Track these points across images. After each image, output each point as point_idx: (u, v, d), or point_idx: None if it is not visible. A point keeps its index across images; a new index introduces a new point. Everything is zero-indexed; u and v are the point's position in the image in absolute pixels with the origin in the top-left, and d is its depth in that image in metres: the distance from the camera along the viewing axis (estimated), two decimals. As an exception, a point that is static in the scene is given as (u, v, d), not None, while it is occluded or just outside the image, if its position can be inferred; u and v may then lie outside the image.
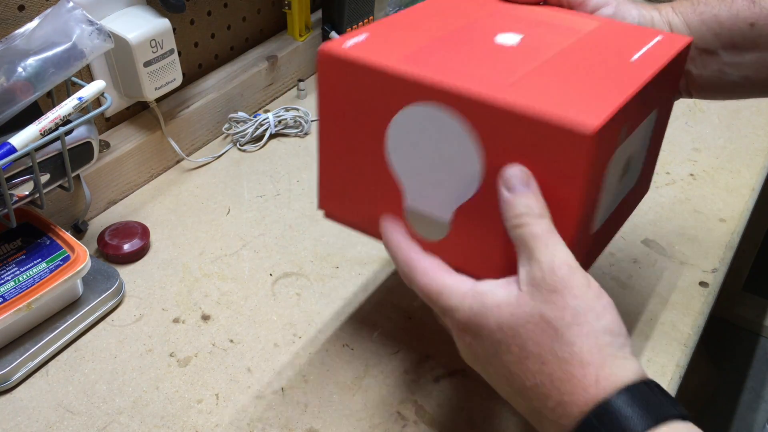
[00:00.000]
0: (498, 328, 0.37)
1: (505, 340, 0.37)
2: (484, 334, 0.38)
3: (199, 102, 0.80)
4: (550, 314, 0.35)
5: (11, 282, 0.57)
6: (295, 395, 0.55)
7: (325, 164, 0.47)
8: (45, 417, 0.53)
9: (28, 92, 0.53)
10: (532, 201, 0.37)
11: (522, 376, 0.36)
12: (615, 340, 0.35)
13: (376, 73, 0.41)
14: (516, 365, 0.36)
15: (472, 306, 0.38)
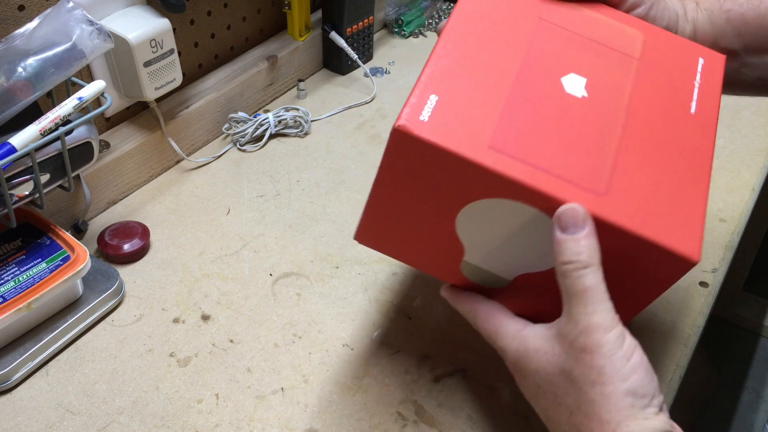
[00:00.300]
0: (536, 372, 0.40)
1: (542, 384, 0.40)
2: (528, 374, 0.41)
3: (199, 102, 0.80)
4: (577, 371, 0.37)
5: (11, 282, 0.57)
6: (295, 395, 0.55)
7: (372, 210, 0.46)
8: (45, 417, 0.53)
9: (28, 92, 0.53)
10: (582, 247, 0.38)
11: (556, 420, 0.39)
12: (638, 402, 0.36)
13: (463, 161, 0.39)
14: (551, 410, 0.40)
15: (518, 348, 0.41)
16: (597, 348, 0.37)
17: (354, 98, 0.92)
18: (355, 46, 0.95)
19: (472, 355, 0.58)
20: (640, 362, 0.38)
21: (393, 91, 0.94)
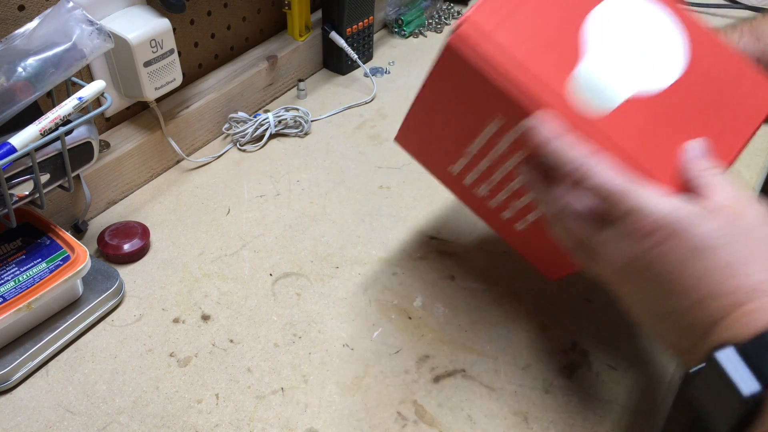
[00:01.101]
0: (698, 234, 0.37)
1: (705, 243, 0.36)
2: (686, 237, 0.37)
3: (199, 102, 0.80)
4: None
5: (11, 282, 0.56)
6: (295, 395, 0.55)
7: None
8: (45, 417, 0.53)
9: (28, 92, 0.53)
10: None
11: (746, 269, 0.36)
12: None
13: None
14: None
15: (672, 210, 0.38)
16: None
17: (354, 98, 0.92)
18: (355, 46, 0.95)
19: (472, 355, 0.58)
20: None
21: (393, 91, 0.93)
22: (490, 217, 0.57)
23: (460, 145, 0.51)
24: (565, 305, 0.62)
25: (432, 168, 0.59)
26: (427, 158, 0.59)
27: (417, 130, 0.56)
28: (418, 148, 0.59)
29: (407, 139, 0.58)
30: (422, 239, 0.70)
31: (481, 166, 0.52)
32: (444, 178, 0.58)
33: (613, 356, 0.58)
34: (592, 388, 0.56)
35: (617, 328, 0.60)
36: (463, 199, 0.59)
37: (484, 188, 0.54)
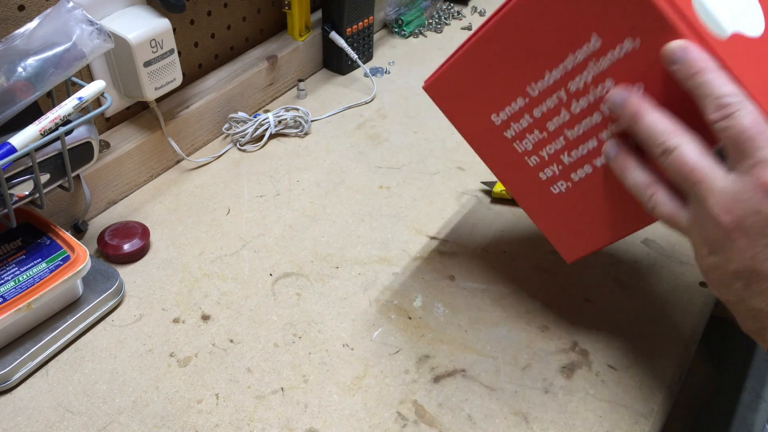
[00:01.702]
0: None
1: None
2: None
3: (199, 102, 0.80)
4: None
5: (11, 282, 0.57)
6: (295, 395, 0.55)
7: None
8: (45, 417, 0.53)
9: (28, 92, 0.53)
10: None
11: None
12: None
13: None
14: None
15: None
16: None
17: (354, 98, 0.92)
18: (355, 46, 0.95)
19: (472, 355, 0.58)
20: None
21: (393, 91, 0.93)
22: (521, 179, 0.54)
23: (522, 83, 0.49)
24: (565, 305, 0.62)
25: (466, 120, 0.55)
26: (464, 107, 0.54)
27: (466, 72, 0.52)
28: (456, 95, 0.54)
29: (444, 84, 0.54)
30: (422, 239, 0.70)
31: (541, 108, 0.49)
32: (477, 131, 0.54)
33: (613, 356, 0.58)
34: (592, 388, 0.56)
35: (617, 328, 0.60)
36: (491, 158, 0.55)
37: (529, 140, 0.51)
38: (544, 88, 0.48)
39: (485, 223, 0.71)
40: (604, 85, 0.45)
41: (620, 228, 0.50)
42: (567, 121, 0.48)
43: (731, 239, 0.38)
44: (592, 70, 0.45)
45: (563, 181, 0.51)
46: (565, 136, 0.49)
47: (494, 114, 0.52)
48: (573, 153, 0.49)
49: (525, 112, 0.50)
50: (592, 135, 0.48)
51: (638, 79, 0.44)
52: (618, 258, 0.67)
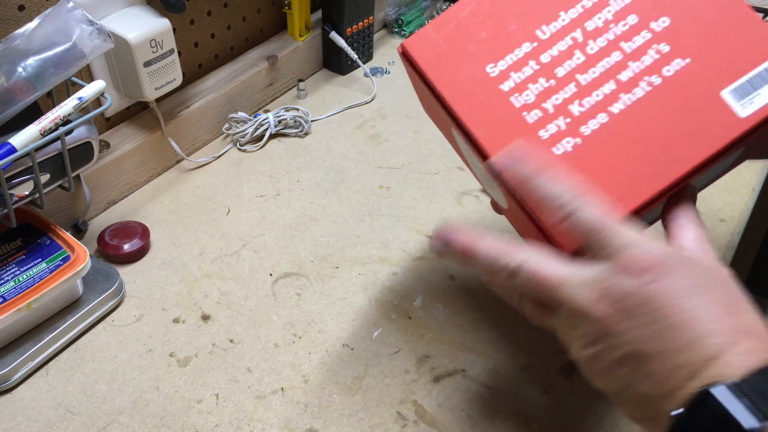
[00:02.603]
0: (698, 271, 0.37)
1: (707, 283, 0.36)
2: (684, 272, 0.37)
3: (199, 102, 0.80)
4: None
5: (11, 282, 0.57)
6: (295, 395, 0.55)
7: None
8: (45, 417, 0.53)
9: (28, 92, 0.53)
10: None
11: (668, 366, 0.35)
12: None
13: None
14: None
15: (663, 250, 0.37)
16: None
17: (354, 98, 0.92)
18: (355, 46, 0.95)
19: (472, 355, 0.58)
20: None
21: (393, 91, 0.93)
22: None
23: (531, 27, 0.45)
24: (565, 305, 0.62)
25: (451, 77, 0.46)
26: (453, 61, 0.47)
27: (465, 20, 0.46)
28: (445, 50, 0.46)
29: (434, 37, 0.47)
30: (422, 239, 0.70)
31: (551, 52, 0.45)
32: (465, 89, 0.46)
33: (613, 356, 0.58)
34: (592, 388, 0.56)
35: (617, 328, 0.60)
36: (478, 119, 0.45)
37: (531, 91, 0.45)
38: (557, 30, 0.44)
39: (485, 224, 0.71)
40: (626, 21, 0.43)
41: (644, 188, 0.42)
42: (581, 64, 0.44)
43: (611, 326, 0.37)
44: (614, 6, 0.43)
45: (570, 138, 0.44)
46: (576, 81, 0.44)
47: (491, 64, 0.45)
48: (585, 101, 0.44)
49: (530, 58, 0.45)
50: (609, 77, 0.43)
51: (663, 12, 0.42)
52: (618, 258, 0.67)
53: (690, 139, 0.42)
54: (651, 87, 0.43)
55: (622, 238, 0.37)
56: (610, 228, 0.37)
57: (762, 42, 0.42)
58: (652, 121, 0.42)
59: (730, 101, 0.42)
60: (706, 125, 0.42)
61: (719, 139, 0.41)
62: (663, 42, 0.43)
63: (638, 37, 0.43)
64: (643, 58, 0.43)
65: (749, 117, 0.41)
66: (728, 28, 0.43)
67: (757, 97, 0.42)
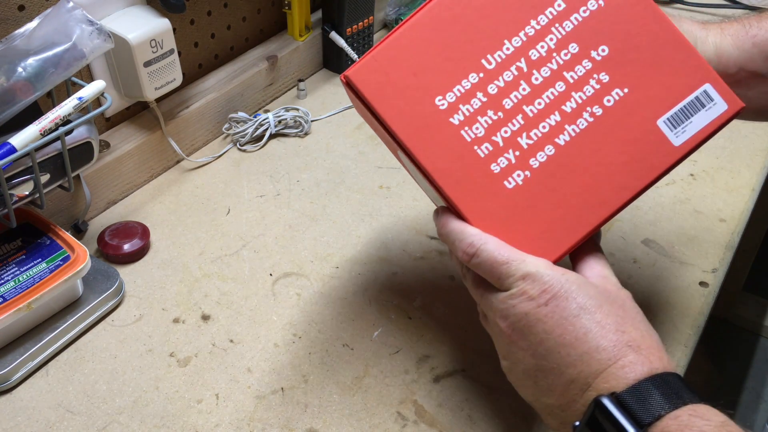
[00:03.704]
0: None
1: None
2: (587, 294, 0.41)
3: (199, 102, 0.80)
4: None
5: (11, 282, 0.57)
6: (295, 395, 0.55)
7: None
8: (45, 417, 0.53)
9: (28, 92, 0.53)
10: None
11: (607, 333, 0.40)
12: None
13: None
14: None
15: (569, 276, 0.42)
16: None
17: (354, 98, 0.92)
18: (355, 46, 0.95)
19: (472, 355, 0.58)
20: None
21: (393, 91, 0.93)
22: (468, 177, 0.45)
23: (477, 55, 0.45)
24: (565, 305, 0.62)
25: (400, 111, 0.45)
26: (400, 94, 0.45)
27: (409, 49, 0.45)
28: (391, 80, 0.45)
29: (378, 67, 0.45)
30: (422, 239, 0.70)
31: (497, 82, 0.45)
32: (415, 123, 0.45)
33: (613, 356, 0.58)
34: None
35: (617, 328, 0.60)
36: (431, 155, 0.45)
37: (481, 124, 0.45)
38: (502, 59, 0.45)
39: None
40: (567, 51, 0.44)
41: (591, 216, 0.45)
42: (527, 95, 0.45)
43: (513, 342, 0.43)
44: (556, 35, 0.44)
45: (520, 171, 0.45)
46: (523, 113, 0.45)
47: (439, 97, 0.45)
48: (533, 133, 0.45)
49: (478, 89, 0.45)
50: (554, 108, 0.45)
51: (602, 40, 0.44)
52: (618, 258, 0.67)
53: (630, 167, 0.44)
54: (593, 118, 0.45)
55: (524, 267, 0.42)
56: (514, 259, 0.43)
57: (693, 70, 0.44)
58: (596, 152, 0.45)
59: (665, 130, 0.44)
60: (644, 154, 0.44)
61: (655, 168, 0.45)
62: (603, 72, 0.45)
63: (580, 66, 0.45)
64: (585, 88, 0.45)
65: (682, 145, 0.44)
66: (663, 56, 0.44)
67: (690, 125, 0.44)
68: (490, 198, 0.45)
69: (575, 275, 0.42)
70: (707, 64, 0.45)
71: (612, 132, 0.44)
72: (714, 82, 0.44)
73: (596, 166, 0.44)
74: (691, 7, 1.12)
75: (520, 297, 0.42)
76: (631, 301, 0.43)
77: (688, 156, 0.45)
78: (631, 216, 0.72)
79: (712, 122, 0.44)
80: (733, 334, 1.67)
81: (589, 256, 0.46)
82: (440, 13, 0.45)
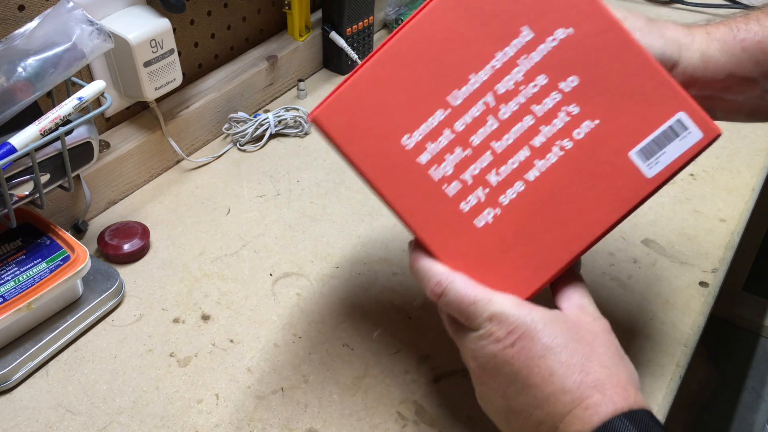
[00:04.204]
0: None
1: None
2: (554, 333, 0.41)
3: (199, 102, 0.80)
4: None
5: (11, 282, 0.57)
6: (295, 395, 0.55)
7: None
8: (45, 417, 0.53)
9: (28, 92, 0.53)
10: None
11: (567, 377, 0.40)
12: None
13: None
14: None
15: (534, 314, 0.41)
16: None
17: (354, 98, 0.92)
18: (355, 46, 0.95)
19: (472, 355, 0.58)
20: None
21: (393, 91, 0.93)
22: (438, 216, 0.44)
23: (442, 92, 0.43)
24: (565, 305, 0.62)
25: (368, 150, 0.44)
26: (367, 133, 0.44)
27: (373, 88, 0.44)
28: (357, 120, 0.44)
29: (343, 107, 0.44)
30: (422, 239, 0.70)
31: (464, 119, 0.43)
32: (383, 163, 0.44)
33: (613, 356, 0.58)
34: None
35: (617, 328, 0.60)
36: (400, 195, 0.44)
37: (449, 162, 0.44)
38: (468, 94, 0.43)
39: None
40: (535, 83, 0.43)
41: (564, 252, 0.44)
42: (495, 130, 0.44)
43: (484, 382, 0.43)
44: (523, 67, 0.43)
45: (490, 209, 0.44)
46: (492, 150, 0.44)
47: (406, 135, 0.44)
48: (501, 169, 0.44)
49: (445, 126, 0.44)
50: (523, 143, 0.43)
51: (571, 70, 0.43)
52: (618, 258, 0.67)
53: (602, 201, 0.43)
54: (563, 152, 0.43)
55: (490, 307, 0.41)
56: (480, 299, 0.42)
57: (667, 99, 0.43)
58: (567, 187, 0.43)
59: (638, 162, 0.43)
60: (616, 187, 0.43)
61: (627, 202, 0.43)
62: (573, 103, 0.43)
63: (548, 99, 0.43)
64: (554, 122, 0.43)
65: (655, 177, 0.43)
66: (635, 85, 0.43)
67: (663, 156, 0.43)
68: (460, 237, 0.44)
69: (543, 313, 0.41)
70: (681, 91, 0.43)
71: (583, 166, 0.43)
72: (688, 109, 0.43)
73: (567, 202, 0.43)
74: (691, 7, 1.12)
75: (487, 339, 0.41)
76: (606, 333, 0.42)
77: (663, 186, 0.43)
78: (632, 216, 0.72)
79: (686, 152, 0.43)
80: (733, 334, 1.67)
81: (568, 286, 0.45)
82: (404, 49, 0.43)
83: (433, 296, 0.44)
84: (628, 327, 0.60)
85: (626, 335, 0.60)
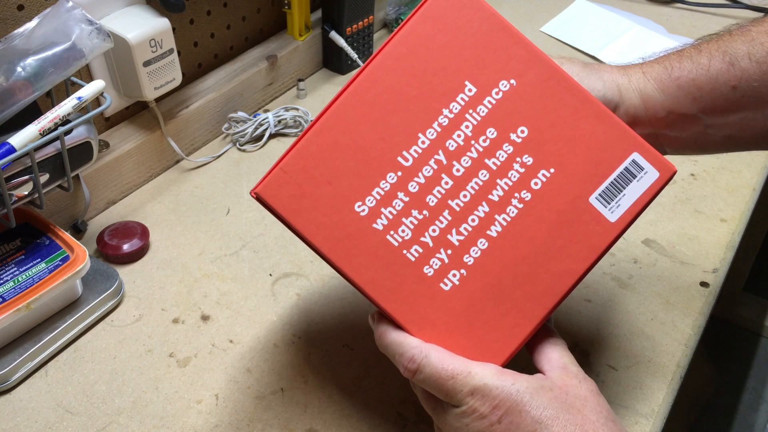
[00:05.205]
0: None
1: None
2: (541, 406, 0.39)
3: (199, 102, 0.80)
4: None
5: (11, 282, 0.56)
6: (295, 395, 0.55)
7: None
8: (44, 417, 0.53)
9: (28, 92, 0.53)
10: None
11: None
12: None
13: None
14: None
15: (524, 385, 0.40)
16: None
17: (354, 98, 0.92)
18: (355, 45, 0.95)
19: (473, 355, 0.58)
20: None
21: (393, 91, 0.93)
22: (402, 284, 0.42)
23: (392, 154, 0.42)
24: (565, 305, 0.62)
25: (318, 222, 0.43)
26: (315, 205, 0.43)
27: (318, 158, 0.43)
28: (303, 193, 0.43)
29: (285, 182, 0.44)
30: (422, 239, 0.70)
31: (417, 179, 0.42)
32: (336, 234, 0.42)
33: (613, 356, 0.58)
34: (593, 388, 0.56)
35: (617, 328, 0.60)
36: (359, 266, 0.43)
37: (407, 226, 0.42)
38: (419, 154, 0.42)
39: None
40: (485, 136, 0.42)
41: (537, 308, 0.42)
42: (450, 188, 0.42)
43: None
44: (471, 121, 0.42)
45: (455, 270, 0.42)
46: (450, 208, 0.42)
47: (359, 203, 0.42)
48: (462, 228, 0.42)
49: (398, 189, 0.42)
50: (481, 199, 0.42)
51: (519, 121, 0.42)
52: (618, 258, 0.67)
53: (569, 251, 0.42)
54: (523, 204, 0.42)
55: (471, 380, 0.40)
56: (459, 372, 0.40)
57: (618, 141, 0.42)
58: (531, 239, 0.42)
59: (599, 207, 0.42)
60: (581, 235, 0.42)
61: (595, 248, 0.42)
62: (525, 154, 0.42)
63: (501, 151, 0.42)
64: (510, 173, 0.42)
65: (619, 220, 0.42)
66: (584, 130, 0.42)
67: (623, 198, 0.42)
68: (427, 303, 0.42)
69: (527, 382, 0.40)
70: (632, 132, 0.42)
71: (544, 216, 0.42)
72: (641, 149, 0.42)
73: (534, 255, 0.42)
74: (691, 7, 1.12)
75: (471, 415, 0.39)
76: (595, 396, 0.41)
77: (627, 229, 0.43)
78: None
79: (645, 192, 0.42)
80: (733, 335, 1.67)
81: (545, 345, 0.43)
82: (346, 112, 0.42)
83: (408, 373, 0.41)
84: (628, 327, 0.60)
85: (626, 335, 0.59)
